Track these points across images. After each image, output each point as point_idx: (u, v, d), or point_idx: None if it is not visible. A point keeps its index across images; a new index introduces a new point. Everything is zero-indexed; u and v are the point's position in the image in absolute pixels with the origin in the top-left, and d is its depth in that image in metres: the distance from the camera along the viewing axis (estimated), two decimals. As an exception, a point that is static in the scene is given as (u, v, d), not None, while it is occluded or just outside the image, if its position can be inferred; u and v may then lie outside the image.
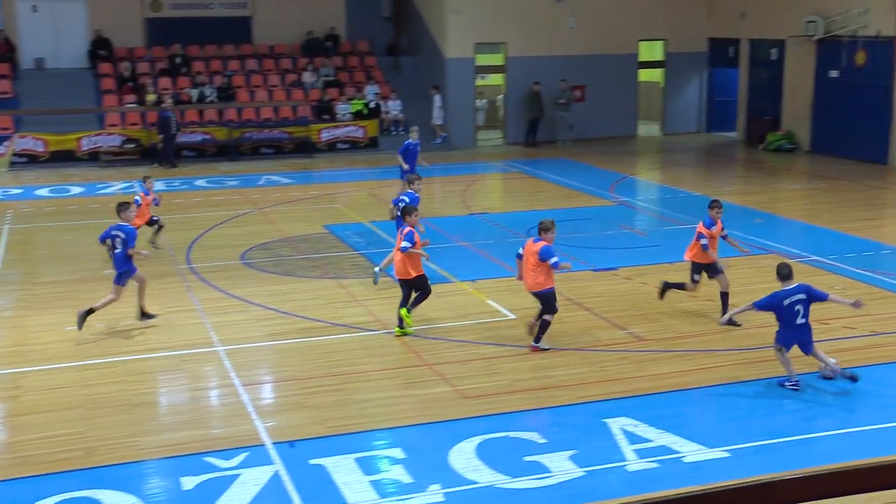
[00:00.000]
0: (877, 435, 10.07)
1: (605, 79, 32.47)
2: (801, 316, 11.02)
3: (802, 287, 11.16)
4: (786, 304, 11.00)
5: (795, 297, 10.99)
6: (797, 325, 11.04)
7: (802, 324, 11.07)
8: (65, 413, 10.78)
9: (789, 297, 11.01)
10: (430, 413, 10.69)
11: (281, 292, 15.30)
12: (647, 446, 9.77)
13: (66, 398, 11.20)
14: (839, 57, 28.08)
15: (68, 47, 30.82)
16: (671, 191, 23.96)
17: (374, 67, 32.74)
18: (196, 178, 25.94)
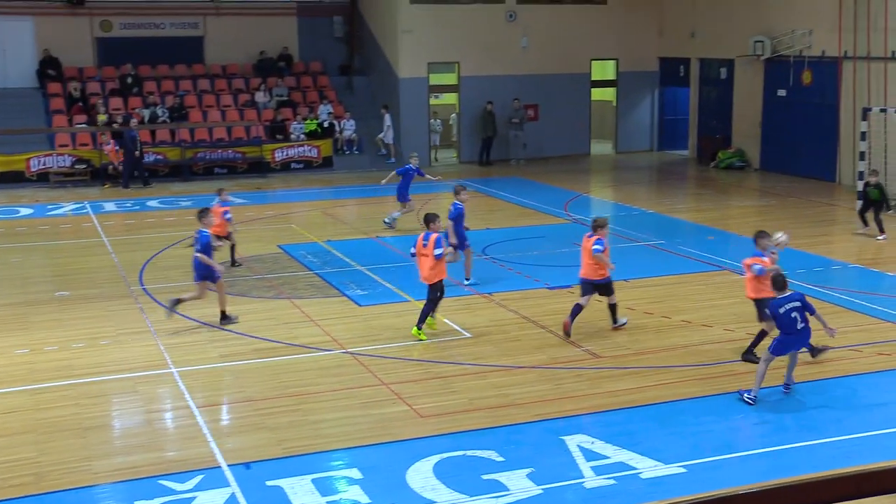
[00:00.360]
0: (830, 448, 10.19)
1: (558, 98, 32.74)
2: (800, 321, 11.22)
3: (797, 295, 11.41)
4: (782, 311, 11.16)
5: (791, 305, 11.19)
6: (798, 330, 11.25)
7: (802, 328, 11.28)
8: (16, 438, 10.60)
9: (784, 305, 11.21)
10: (386, 433, 10.65)
11: (235, 313, 15.17)
12: (604, 463, 9.80)
13: (17, 423, 11.02)
14: (787, 76, 28.55)
15: (16, 67, 30.47)
16: (625, 208, 24.15)
17: (327, 87, 32.72)
18: (148, 199, 25.70)
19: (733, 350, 13.23)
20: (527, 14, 32.08)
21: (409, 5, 30.74)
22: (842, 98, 26.68)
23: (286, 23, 33.12)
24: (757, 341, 12.68)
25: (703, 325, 14.35)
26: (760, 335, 12.62)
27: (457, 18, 31.29)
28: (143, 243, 20.27)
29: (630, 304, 15.44)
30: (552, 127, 32.69)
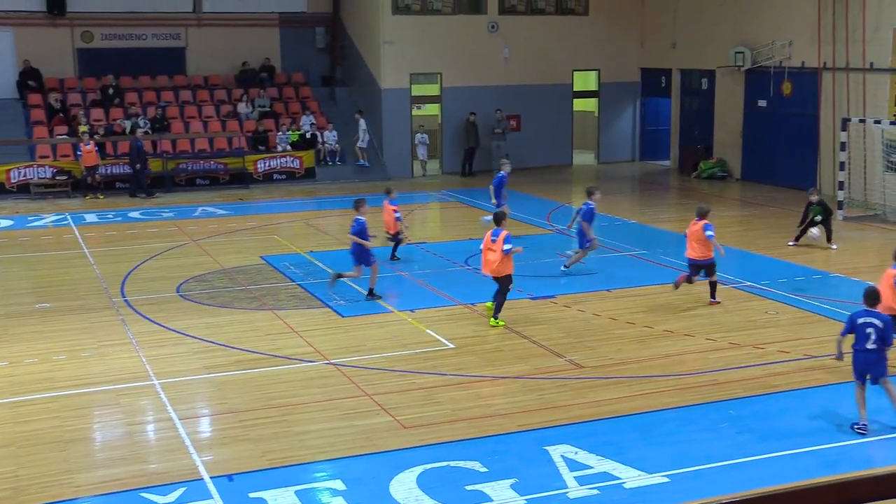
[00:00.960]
0: (813, 457, 10.22)
1: (540, 108, 32.83)
2: (872, 341, 10.68)
3: (884, 317, 10.84)
4: (858, 322, 10.83)
5: (868, 320, 10.75)
6: (866, 348, 10.74)
7: (871, 350, 10.71)
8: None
9: (862, 318, 10.82)
10: (370, 444, 10.62)
11: (218, 324, 15.13)
12: (587, 473, 9.80)
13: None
14: (767, 87, 28.73)
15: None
16: (607, 219, 24.17)
17: (309, 98, 32.70)
18: (130, 210, 25.61)
19: (716, 359, 13.27)
20: (509, 25, 32.17)
21: (391, 16, 30.79)
22: (822, 108, 26.86)
23: (268, 34, 33.10)
24: None
25: (686, 335, 14.40)
26: None
27: (439, 29, 31.36)
28: (125, 255, 20.19)
29: (613, 314, 15.48)
30: (534, 137, 32.77)
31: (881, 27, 24.67)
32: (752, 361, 13.22)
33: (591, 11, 33.27)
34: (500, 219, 15.25)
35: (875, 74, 24.96)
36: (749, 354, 13.50)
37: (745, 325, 14.89)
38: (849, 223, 22.95)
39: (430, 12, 31.31)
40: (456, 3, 31.69)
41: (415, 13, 31.13)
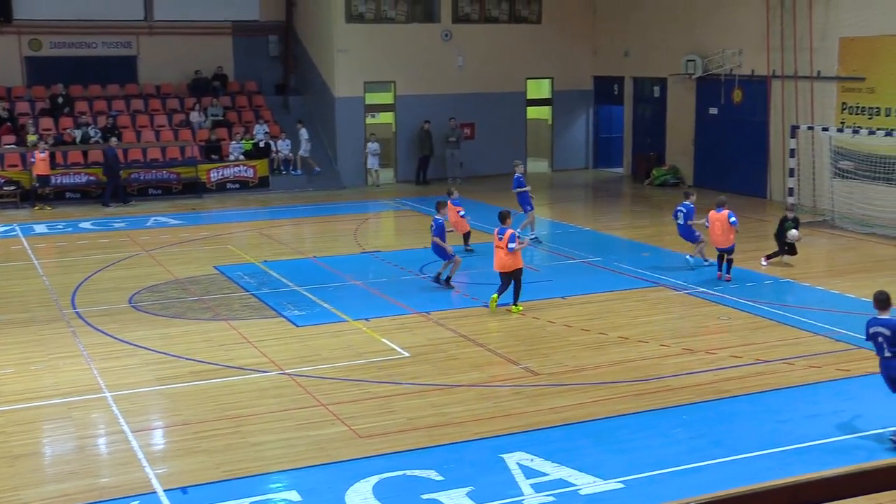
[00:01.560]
0: (765, 460, 10.32)
1: (494, 117, 32.94)
2: (886, 349, 10.48)
3: (890, 322, 10.50)
4: (870, 332, 10.73)
5: (877, 329, 10.58)
6: (884, 356, 10.55)
7: (886, 358, 10.54)
8: (-58, 467, 10.32)
9: (872, 327, 10.65)
10: (325, 454, 10.57)
11: (171, 335, 14.99)
12: (543, 480, 9.83)
13: (-57, 451, 10.73)
14: (718, 94, 29.06)
15: (-58, 86, 29.89)
16: (561, 226, 24.33)
17: (262, 107, 32.55)
18: (81, 221, 25.31)
19: (669, 365, 13.37)
20: (462, 33, 32.26)
21: (344, 24, 30.75)
22: (771, 116, 27.21)
23: (221, 42, 32.91)
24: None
25: (640, 341, 14.49)
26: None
27: (392, 38, 31.37)
28: (76, 266, 19.94)
29: (567, 321, 15.55)
30: (488, 146, 32.86)
31: (827, 36, 25.06)
32: (704, 367, 13.34)
33: (543, 20, 33.47)
34: (504, 217, 16.22)
35: (822, 82, 25.34)
36: (702, 360, 13.62)
37: (698, 331, 15.03)
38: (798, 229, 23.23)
39: (384, 20, 31.32)
40: (409, 12, 31.73)
41: (368, 21, 31.12)
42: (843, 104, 24.77)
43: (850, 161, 23.81)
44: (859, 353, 13.80)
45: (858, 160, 23.54)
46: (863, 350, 13.91)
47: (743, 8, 27.68)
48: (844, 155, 24.02)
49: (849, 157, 23.88)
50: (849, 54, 24.55)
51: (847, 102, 24.68)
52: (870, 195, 23.41)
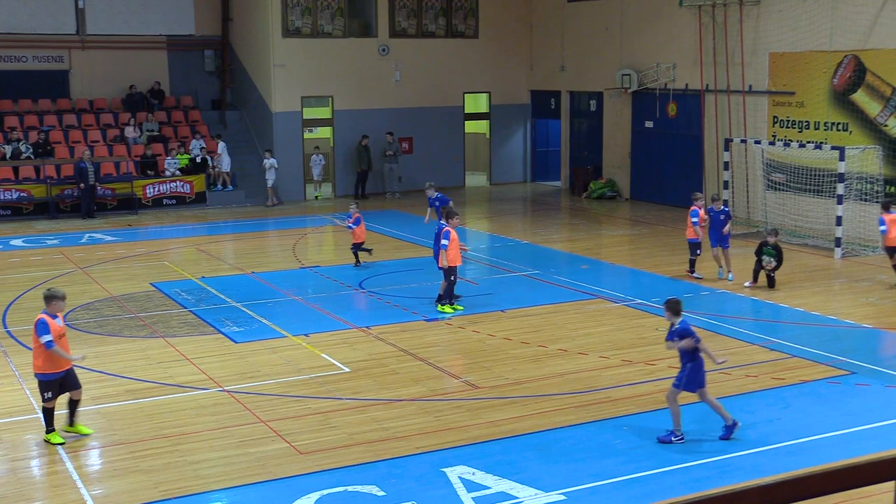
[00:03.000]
0: (704, 469, 10.43)
1: (432, 131, 33.03)
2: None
3: (679, 325, 11.13)
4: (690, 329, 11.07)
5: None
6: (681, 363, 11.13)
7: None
8: None
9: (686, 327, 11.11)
10: (266, 471, 10.47)
11: (107, 353, 14.75)
12: (485, 493, 9.83)
13: None
14: (653, 108, 29.45)
15: None
16: (500, 239, 24.43)
17: (199, 122, 32.25)
18: (12, 238, 24.83)
19: (609, 377, 13.47)
20: (399, 48, 32.32)
21: (281, 39, 30.63)
22: (705, 129, 27.64)
23: (156, 56, 32.56)
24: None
25: (579, 353, 14.58)
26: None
27: (330, 52, 31.31)
28: (6, 284, 19.54)
29: (507, 334, 15.60)
30: (426, 160, 32.92)
31: (758, 51, 25.55)
32: (643, 378, 13.46)
33: (480, 35, 33.67)
34: (450, 216, 16.98)
35: (754, 96, 25.81)
36: (641, 371, 13.75)
37: (637, 343, 15.17)
38: (733, 240, 23.58)
39: (321, 35, 31.25)
40: (346, 26, 31.70)
41: (305, 36, 31.02)
42: (775, 117, 25.26)
43: (782, 173, 24.28)
44: (793, 361, 14.06)
45: (790, 172, 24.00)
46: (797, 359, 14.18)
47: (676, 23, 28.11)
48: (776, 167, 24.49)
49: (781, 169, 24.35)
50: (778, 69, 25.06)
51: (778, 116, 25.17)
52: (801, 206, 23.89)
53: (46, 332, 11.17)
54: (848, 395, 12.70)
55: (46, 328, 11.18)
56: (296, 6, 30.80)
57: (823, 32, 23.71)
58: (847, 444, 10.98)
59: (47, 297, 11.53)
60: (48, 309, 11.39)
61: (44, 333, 11.16)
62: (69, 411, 11.58)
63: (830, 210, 21.97)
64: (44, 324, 11.20)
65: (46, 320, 11.23)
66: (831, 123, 23.77)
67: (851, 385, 13.05)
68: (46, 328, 11.18)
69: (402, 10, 32.40)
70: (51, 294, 11.54)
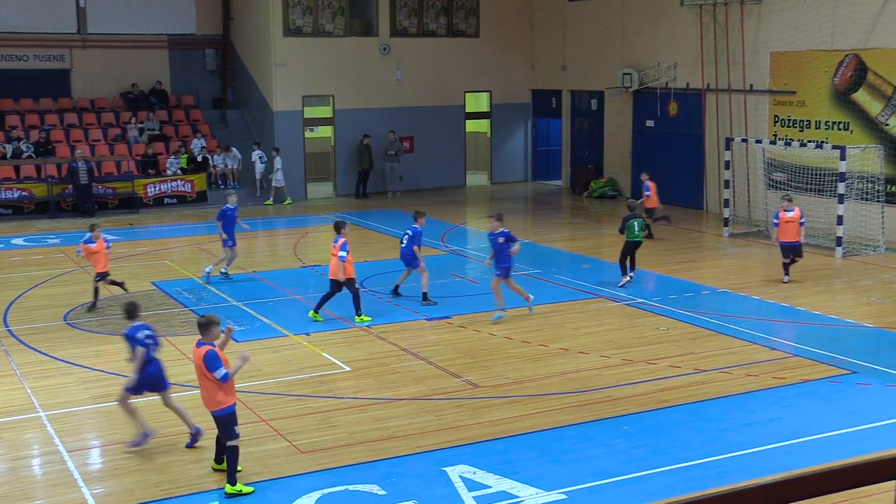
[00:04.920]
0: (705, 469, 10.43)
1: (433, 130, 33.02)
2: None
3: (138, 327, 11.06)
4: (138, 337, 11.05)
5: (144, 333, 11.11)
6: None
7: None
8: None
9: (138, 333, 11.09)
10: (266, 470, 10.47)
11: (107, 352, 14.75)
12: (486, 492, 9.83)
13: None
14: (654, 107, 29.43)
15: None
16: (501, 239, 24.39)
17: (200, 121, 32.24)
18: (13, 237, 24.83)
19: (610, 376, 13.47)
20: (400, 47, 32.31)
21: (282, 38, 30.62)
22: (706, 128, 27.62)
23: (157, 56, 32.54)
24: None
25: (580, 353, 14.58)
26: None
27: (331, 52, 31.30)
28: (7, 283, 19.55)
29: (508, 334, 15.59)
30: (428, 159, 32.92)
31: (759, 50, 25.53)
32: (644, 377, 13.46)
33: (481, 34, 33.66)
34: (340, 227, 16.53)
35: (755, 95, 25.80)
36: (642, 370, 13.75)
37: (638, 342, 15.16)
38: (734, 239, 23.63)
39: (322, 34, 31.24)
40: (347, 26, 31.70)
41: (306, 35, 31.02)
42: (776, 117, 25.25)
43: (783, 173, 24.27)
44: (794, 361, 14.06)
45: (791, 172, 23.99)
46: (797, 358, 14.17)
47: (677, 22, 28.10)
48: (777, 166, 24.48)
49: (781, 168, 24.34)
50: (780, 68, 25.05)
51: (779, 115, 25.16)
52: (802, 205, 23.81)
53: (220, 364, 9.90)
54: (849, 395, 12.70)
55: (218, 360, 9.91)
56: (297, 5, 30.80)
57: (825, 32, 23.69)
58: (848, 444, 10.98)
59: (204, 324, 10.13)
60: (207, 338, 10.06)
61: (218, 367, 9.88)
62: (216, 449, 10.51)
63: (831, 209, 21.96)
64: (215, 356, 9.91)
65: (216, 352, 9.95)
66: (832, 123, 23.76)
67: (852, 384, 13.05)
68: (218, 360, 9.91)
69: (403, 9, 32.40)
70: (208, 321, 10.14)
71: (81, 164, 27.58)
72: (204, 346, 9.95)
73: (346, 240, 16.23)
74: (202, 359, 9.86)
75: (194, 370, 13.76)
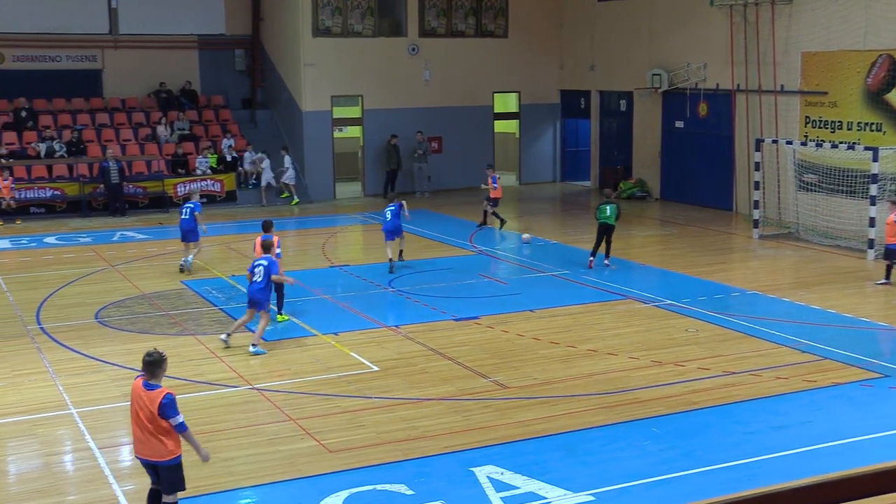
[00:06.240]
0: (733, 472, 10.38)
1: (462, 130, 33.02)
2: None
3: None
4: None
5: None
6: None
7: None
8: None
9: None
10: (295, 469, 10.51)
11: (138, 350, 14.76)
12: (513, 493, 9.82)
13: None
14: (683, 108, 29.29)
15: None
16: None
17: (229, 121, 32.41)
18: (45, 236, 25.06)
19: (638, 378, 13.42)
20: (429, 47, 32.34)
21: (311, 38, 30.72)
22: (736, 129, 27.46)
23: (187, 56, 32.75)
24: None
25: (609, 354, 14.54)
26: None
27: (359, 52, 31.37)
28: (40, 281, 19.73)
29: (536, 334, 15.57)
30: (456, 159, 32.92)
31: (790, 51, 25.35)
32: (673, 379, 13.41)
33: (510, 34, 33.63)
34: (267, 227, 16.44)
35: (786, 96, 25.62)
36: (670, 372, 13.69)
37: (667, 343, 15.10)
38: (764, 241, 23.48)
39: (351, 34, 31.32)
40: (376, 26, 31.76)
41: (335, 35, 31.10)
42: (807, 118, 25.05)
43: (814, 174, 24.08)
44: (825, 364, 13.95)
45: (822, 173, 23.80)
46: (828, 361, 14.06)
47: (707, 22, 27.94)
48: (808, 168, 24.29)
49: (812, 170, 24.15)
50: (811, 69, 24.85)
51: (810, 116, 24.96)
52: (833, 207, 23.68)
53: (178, 410, 8.72)
54: (881, 399, 12.59)
55: (177, 406, 8.74)
56: (326, 6, 30.89)
57: (857, 31, 23.48)
58: (880, 448, 10.89)
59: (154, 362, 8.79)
60: (156, 379, 8.76)
61: (178, 413, 8.69)
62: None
63: (863, 211, 21.77)
64: (175, 401, 8.70)
65: (174, 396, 8.74)
66: (865, 123, 23.54)
67: (884, 388, 12.94)
68: (177, 406, 8.74)
69: (432, 9, 32.42)
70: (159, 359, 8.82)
71: (112, 164, 27.84)
72: (157, 388, 8.63)
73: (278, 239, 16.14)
74: (158, 404, 8.52)
75: (225, 368, 13.89)
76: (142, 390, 8.63)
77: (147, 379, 8.68)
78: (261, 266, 14.85)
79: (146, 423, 8.60)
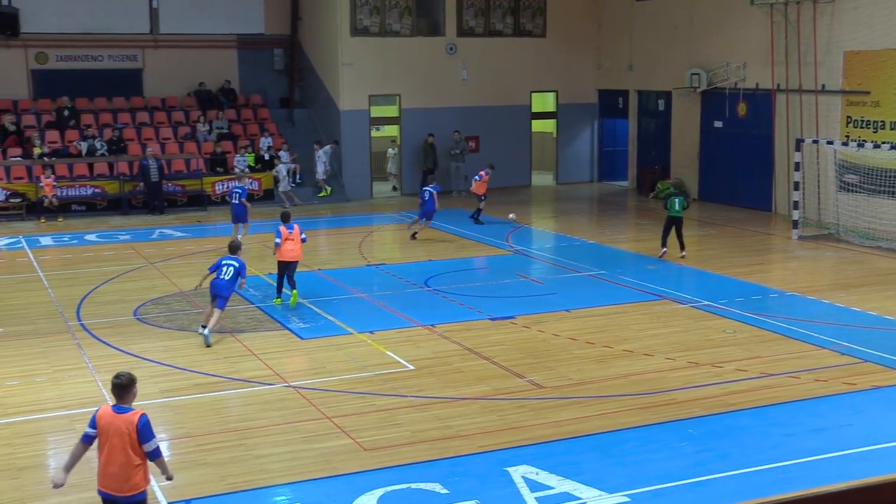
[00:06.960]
0: (771, 474, 10.28)
1: (499, 130, 32.99)
2: None
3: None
4: None
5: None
6: None
7: None
8: (-53, 479, 10.31)
9: None
10: (330, 467, 10.55)
11: (175, 347, 14.98)
12: (548, 493, 9.79)
13: (-52, 463, 10.72)
14: (723, 108, 29.06)
15: (-51, 99, 29.96)
16: (566, 239, 24.31)
17: (267, 120, 32.61)
18: (86, 233, 25.34)
19: (675, 379, 13.34)
20: (467, 47, 32.34)
21: (349, 38, 30.83)
22: (776, 129, 27.20)
23: (226, 55, 32.99)
24: None
25: (645, 354, 14.46)
26: None
27: (397, 51, 31.44)
28: (81, 278, 19.95)
29: (572, 334, 15.52)
30: (493, 158, 32.76)
31: (831, 50, 25.07)
32: (710, 380, 13.31)
33: (548, 34, 33.55)
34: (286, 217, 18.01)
35: (827, 96, 25.34)
36: (707, 373, 13.59)
37: (704, 344, 14.99)
38: (803, 242, 23.25)
39: (389, 34, 31.39)
40: (414, 25, 31.81)
41: (373, 35, 31.19)
42: (848, 118, 24.77)
43: (856, 174, 23.79)
44: (865, 366, 13.78)
45: (863, 173, 23.51)
46: (869, 364, 13.89)
47: (747, 22, 27.72)
48: (849, 168, 24.01)
49: (854, 170, 23.86)
50: (853, 68, 24.57)
51: (852, 116, 24.68)
52: (875, 208, 23.39)
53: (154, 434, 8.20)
54: (921, 402, 12.41)
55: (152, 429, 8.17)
56: (364, 5, 30.98)
57: (900, 31, 23.19)
58: (920, 452, 10.74)
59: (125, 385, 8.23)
60: (126, 402, 8.22)
61: (154, 437, 8.17)
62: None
63: (905, 212, 21.50)
64: (150, 424, 8.13)
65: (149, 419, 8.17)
66: (907, 124, 23.23)
67: (925, 391, 12.76)
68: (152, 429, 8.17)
69: (470, 8, 32.42)
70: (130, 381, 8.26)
71: (152, 162, 28.12)
72: (130, 411, 8.12)
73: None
74: (135, 427, 7.99)
75: (261, 365, 13.96)
76: (112, 416, 8.07)
77: (117, 402, 8.18)
78: (231, 266, 15.53)
79: (118, 452, 8.05)
